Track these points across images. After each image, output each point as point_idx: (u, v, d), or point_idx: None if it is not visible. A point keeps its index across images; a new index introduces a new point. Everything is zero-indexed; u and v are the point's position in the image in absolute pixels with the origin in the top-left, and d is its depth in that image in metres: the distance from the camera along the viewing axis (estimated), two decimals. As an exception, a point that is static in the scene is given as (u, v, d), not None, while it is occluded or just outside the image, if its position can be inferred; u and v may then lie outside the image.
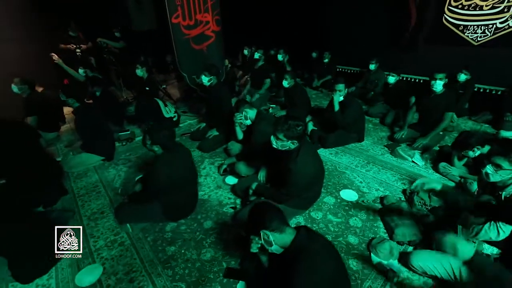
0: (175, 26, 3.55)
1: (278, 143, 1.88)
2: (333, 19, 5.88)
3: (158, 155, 2.03)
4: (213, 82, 3.23)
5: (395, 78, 4.03)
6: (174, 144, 2.11)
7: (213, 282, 1.70)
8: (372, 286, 1.65)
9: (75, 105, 2.85)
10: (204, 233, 2.09)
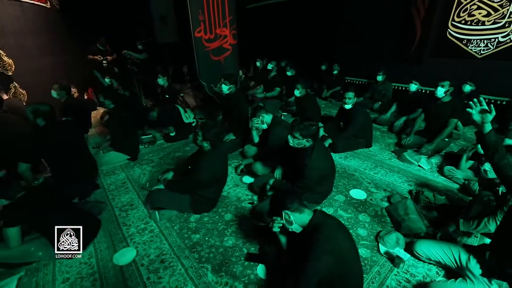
0: (197, 40, 3.90)
1: (295, 141, 2.11)
2: (342, 33, 6.18)
3: (205, 152, 2.25)
4: (232, 90, 3.51)
5: (417, 86, 4.25)
6: (220, 142, 2.35)
7: (236, 265, 1.89)
8: (380, 271, 1.82)
9: (111, 107, 3.17)
10: (225, 224, 2.30)
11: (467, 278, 1.58)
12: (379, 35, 5.45)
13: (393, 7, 5.11)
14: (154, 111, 4.16)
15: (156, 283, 1.77)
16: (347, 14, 5.94)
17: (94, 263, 1.95)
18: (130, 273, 1.86)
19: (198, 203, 2.34)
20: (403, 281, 1.74)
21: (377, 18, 5.43)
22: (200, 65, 4.08)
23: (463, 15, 4.26)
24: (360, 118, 3.37)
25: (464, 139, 3.93)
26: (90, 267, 1.92)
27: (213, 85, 4.25)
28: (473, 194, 2.40)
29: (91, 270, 1.89)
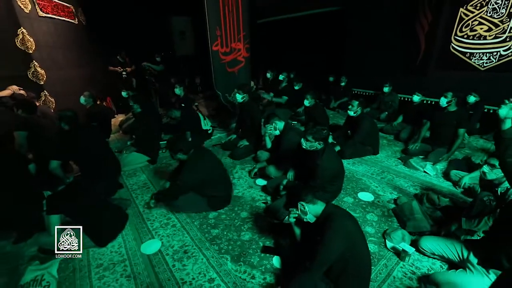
0: (214, 53, 4.20)
1: (308, 144, 2.30)
2: (350, 46, 6.44)
3: (184, 161, 2.47)
4: (245, 99, 3.76)
5: (420, 97, 4.43)
6: (197, 149, 2.53)
7: (253, 256, 2.06)
8: (387, 264, 1.96)
9: (138, 111, 3.45)
10: (242, 221, 2.48)
11: (467, 268, 1.71)
12: (385, 48, 5.68)
13: (398, 22, 5.36)
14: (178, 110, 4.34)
15: (181, 270, 1.95)
16: (354, 28, 6.22)
17: (124, 252, 2.15)
18: (157, 261, 2.04)
19: (212, 201, 2.54)
20: (408, 273, 1.88)
21: (383, 32, 5.67)
22: (216, 76, 4.37)
23: (465, 30, 4.47)
24: (366, 125, 3.55)
25: (469, 147, 4.04)
26: (120, 255, 2.12)
27: (227, 95, 4.52)
28: (475, 196, 2.52)
29: (121, 258, 2.09)
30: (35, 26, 4.38)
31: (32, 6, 4.33)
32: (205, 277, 1.88)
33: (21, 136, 3.01)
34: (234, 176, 3.32)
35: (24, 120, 3.12)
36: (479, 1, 4.26)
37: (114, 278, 1.90)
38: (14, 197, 2.23)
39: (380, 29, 5.70)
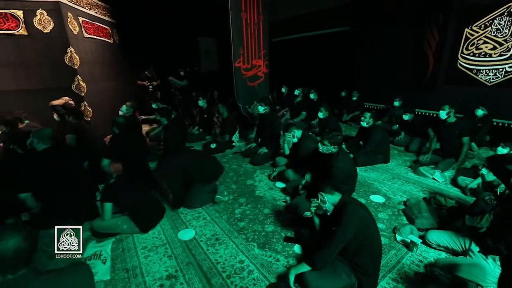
0: (237, 69, 4.64)
1: (324, 148, 2.62)
2: (361, 63, 6.81)
3: None
4: (267, 111, 4.14)
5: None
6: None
7: (276, 244, 2.34)
8: (397, 253, 2.20)
9: (165, 122, 3.87)
10: (265, 216, 2.78)
11: (468, 256, 1.94)
12: (395, 65, 6.01)
13: (407, 41, 5.70)
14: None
15: (214, 253, 2.25)
16: (365, 46, 6.61)
17: (163, 238, 2.47)
18: (193, 245, 2.36)
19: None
20: (416, 261, 2.11)
21: (392, 49, 6.02)
22: (238, 89, 4.80)
23: (471, 48, 4.76)
24: (377, 135, 3.84)
25: (478, 158, 4.23)
26: (161, 240, 2.45)
27: (247, 106, 4.93)
28: (477, 195, 2.73)
29: (162, 242, 2.41)
30: (80, 45, 4.98)
31: (79, 28, 4.95)
32: (235, 259, 2.18)
33: (71, 138, 3.47)
34: (256, 179, 3.64)
35: (74, 125, 3.59)
36: (483, 22, 4.57)
37: (158, 257, 2.22)
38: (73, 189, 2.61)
39: (389, 47, 6.06)
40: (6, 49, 4.33)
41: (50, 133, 2.65)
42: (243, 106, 4.96)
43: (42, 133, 2.61)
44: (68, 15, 4.63)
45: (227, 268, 2.07)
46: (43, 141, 2.57)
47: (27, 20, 4.31)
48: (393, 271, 2.02)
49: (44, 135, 2.60)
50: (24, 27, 4.32)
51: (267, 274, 2.01)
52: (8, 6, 4.16)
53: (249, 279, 1.97)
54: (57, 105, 3.85)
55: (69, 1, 4.68)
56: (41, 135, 2.59)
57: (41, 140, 2.57)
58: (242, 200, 3.11)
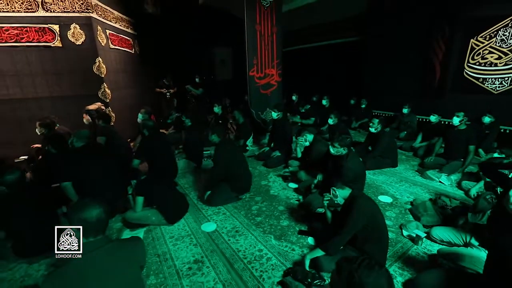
0: (251, 78, 4.95)
1: (334, 150, 2.85)
2: (369, 72, 7.04)
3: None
4: (280, 116, 4.40)
5: (436, 117, 4.86)
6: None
7: (291, 236, 2.56)
8: (403, 246, 2.39)
9: (188, 124, 4.19)
10: (279, 212, 3.00)
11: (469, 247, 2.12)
12: (403, 73, 6.21)
13: (414, 51, 5.92)
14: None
15: (235, 243, 2.49)
16: (373, 55, 6.85)
17: (188, 229, 2.73)
18: (215, 236, 2.60)
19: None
20: (421, 253, 2.29)
21: (400, 59, 6.24)
22: (252, 97, 5.09)
23: (477, 58, 4.95)
24: (385, 140, 4.04)
25: (485, 164, 4.35)
26: (186, 231, 2.70)
27: (260, 113, 5.22)
28: (479, 195, 2.89)
29: (187, 233, 2.67)
30: (107, 55, 5.39)
31: (106, 40, 5.37)
32: (255, 248, 2.41)
33: (102, 140, 3.81)
34: (270, 180, 3.88)
35: (103, 128, 3.93)
36: (488, 33, 4.77)
37: (184, 245, 2.47)
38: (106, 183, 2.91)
39: (397, 57, 6.29)
40: (43, 59, 4.77)
41: (87, 133, 2.99)
42: (256, 113, 5.25)
43: (80, 133, 2.94)
44: (98, 28, 5.06)
45: (247, 255, 2.30)
46: (81, 139, 2.89)
47: (62, 33, 4.75)
48: (399, 261, 2.21)
49: (82, 134, 2.93)
50: (59, 39, 4.75)
51: (284, 261, 2.23)
52: (47, 21, 4.60)
53: (268, 264, 2.19)
54: (91, 109, 4.21)
55: (99, 16, 5.11)
56: (80, 134, 2.91)
57: (80, 139, 2.89)
58: (258, 198, 3.35)
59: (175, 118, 5.90)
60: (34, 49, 4.69)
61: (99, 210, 1.36)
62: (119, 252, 1.41)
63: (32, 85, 4.84)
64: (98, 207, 1.37)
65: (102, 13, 5.30)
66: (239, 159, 3.34)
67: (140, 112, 4.75)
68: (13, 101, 4.78)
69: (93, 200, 1.38)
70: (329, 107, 6.35)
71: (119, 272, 1.37)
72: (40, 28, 4.61)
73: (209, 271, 2.13)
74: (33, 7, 4.51)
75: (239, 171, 3.27)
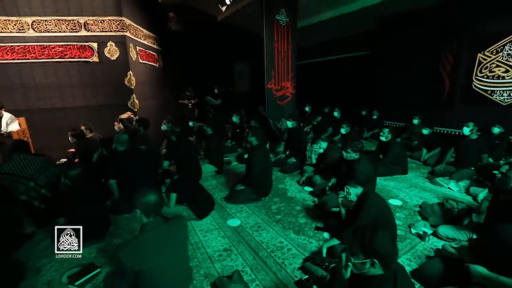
0: (269, 90, 5.36)
1: (347, 155, 3.15)
2: (381, 84, 7.32)
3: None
4: (295, 125, 4.75)
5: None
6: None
7: (309, 231, 2.84)
8: (411, 242, 2.62)
9: (210, 132, 4.58)
10: (297, 211, 3.29)
11: (472, 242, 2.34)
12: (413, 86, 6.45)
13: (424, 63, 6.18)
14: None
15: (258, 236, 2.79)
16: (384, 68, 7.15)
17: (215, 224, 3.05)
18: (240, 230, 2.91)
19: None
20: (428, 248, 2.52)
21: (410, 72, 6.50)
22: (269, 108, 5.49)
23: (485, 71, 5.17)
24: (395, 148, 4.29)
25: (494, 172, 4.51)
26: (214, 225, 3.02)
27: (276, 122, 5.59)
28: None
29: (214, 227, 2.99)
30: (137, 69, 5.93)
31: (136, 55, 5.93)
32: (276, 240, 2.70)
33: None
34: (286, 184, 4.18)
35: (142, 134, 4.37)
36: (494, 48, 5.01)
37: (213, 237, 2.79)
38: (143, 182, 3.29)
39: (407, 70, 6.56)
40: (81, 73, 5.34)
41: (126, 137, 3.40)
42: (273, 122, 5.61)
43: (121, 138, 3.36)
44: (130, 45, 5.62)
45: (270, 246, 2.60)
46: (122, 144, 3.31)
47: (100, 50, 5.32)
48: (407, 254, 2.45)
49: (123, 139, 3.35)
50: (97, 55, 5.32)
51: (302, 251, 2.51)
52: (88, 40, 5.19)
53: (288, 254, 2.48)
54: (124, 118, 4.68)
55: (131, 34, 5.69)
56: (121, 139, 3.34)
57: (121, 144, 3.31)
58: (276, 199, 3.65)
59: (197, 128, 6.33)
60: (75, 64, 5.27)
61: (155, 196, 1.72)
62: (172, 231, 1.77)
63: (71, 96, 5.40)
64: (154, 193, 1.73)
65: (134, 31, 5.87)
66: (268, 165, 3.66)
67: (163, 123, 5.18)
68: (54, 110, 5.34)
69: (150, 189, 1.73)
70: (340, 119, 6.64)
71: (173, 245, 1.72)
72: (81, 45, 5.20)
73: (237, 258, 2.44)
74: (77, 27, 5.11)
75: (268, 176, 3.59)
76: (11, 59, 4.92)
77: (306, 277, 2.12)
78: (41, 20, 4.93)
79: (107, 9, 5.20)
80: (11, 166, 2.68)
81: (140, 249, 1.59)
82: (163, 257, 1.63)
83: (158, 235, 1.67)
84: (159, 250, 1.63)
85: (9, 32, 4.84)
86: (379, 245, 1.23)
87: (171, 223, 1.79)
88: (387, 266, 1.27)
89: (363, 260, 1.29)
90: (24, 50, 4.95)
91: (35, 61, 5.05)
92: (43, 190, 2.77)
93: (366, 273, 1.29)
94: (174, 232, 1.76)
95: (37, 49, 5.01)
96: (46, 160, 3.01)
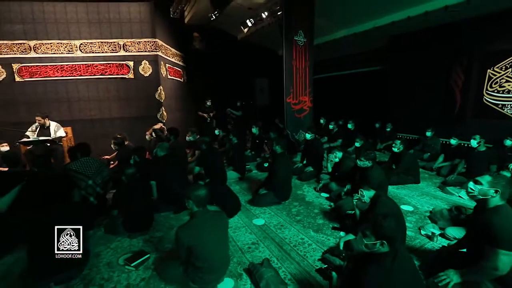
0: (287, 104, 5.80)
1: (361, 163, 3.49)
2: (394, 97, 7.62)
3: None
4: (312, 137, 5.12)
5: (456, 141, 5.29)
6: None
7: (327, 230, 3.16)
8: (421, 242, 2.90)
9: (235, 141, 5.02)
10: (315, 214, 3.62)
11: (476, 241, 2.60)
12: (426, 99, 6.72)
13: (435, 78, 6.45)
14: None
15: (281, 233, 3.13)
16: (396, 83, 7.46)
17: (242, 223, 3.42)
18: (265, 228, 3.27)
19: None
20: (436, 247, 2.79)
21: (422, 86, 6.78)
22: (288, 120, 5.91)
23: (495, 86, 5.41)
24: (407, 159, 4.57)
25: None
26: (241, 224, 3.40)
27: (294, 134, 5.99)
28: None
29: (241, 225, 3.36)
30: (165, 84, 6.53)
31: (166, 72, 6.55)
32: (297, 237, 3.04)
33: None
34: (304, 191, 4.52)
35: (173, 143, 4.87)
36: (504, 64, 5.27)
37: (241, 233, 3.16)
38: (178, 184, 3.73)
39: (420, 84, 6.85)
40: (118, 88, 5.96)
41: (167, 145, 3.89)
42: (291, 134, 6.01)
43: (163, 145, 3.85)
44: (161, 63, 6.24)
45: (292, 241, 2.94)
46: (163, 150, 3.79)
47: (135, 68, 5.95)
48: (415, 252, 2.72)
49: (164, 146, 3.83)
50: (132, 72, 5.95)
51: (321, 246, 2.83)
52: (125, 59, 5.84)
53: (309, 248, 2.81)
54: (156, 128, 5.21)
55: (162, 53, 6.32)
56: (162, 146, 3.82)
57: (162, 150, 3.79)
58: (295, 203, 4.00)
59: (221, 137, 6.81)
60: (113, 80, 5.91)
61: (205, 190, 2.13)
62: (216, 219, 2.17)
63: (108, 108, 6.02)
64: (204, 188, 2.14)
65: (165, 51, 6.52)
66: (289, 171, 4.05)
67: (187, 135, 5.66)
68: (93, 121, 5.95)
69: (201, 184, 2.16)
70: (354, 130, 6.96)
71: (217, 230, 2.12)
72: (120, 64, 5.85)
73: (264, 250, 2.80)
74: (117, 48, 5.78)
75: (288, 180, 3.97)
76: (61, 76, 5.61)
77: (325, 266, 2.44)
78: (87, 42, 5.63)
79: (143, 32, 5.87)
80: (77, 165, 3.19)
81: (194, 229, 2.00)
82: (210, 237, 2.03)
83: (206, 221, 2.07)
84: (207, 231, 2.03)
85: (60, 53, 5.55)
86: (387, 229, 1.58)
87: (215, 214, 2.19)
88: (393, 245, 1.61)
89: (374, 242, 1.64)
90: (71, 68, 5.64)
91: (80, 78, 5.72)
92: (98, 188, 3.26)
93: (376, 251, 1.64)
94: (218, 220, 2.16)
95: (82, 68, 5.70)
96: (101, 163, 3.51)
